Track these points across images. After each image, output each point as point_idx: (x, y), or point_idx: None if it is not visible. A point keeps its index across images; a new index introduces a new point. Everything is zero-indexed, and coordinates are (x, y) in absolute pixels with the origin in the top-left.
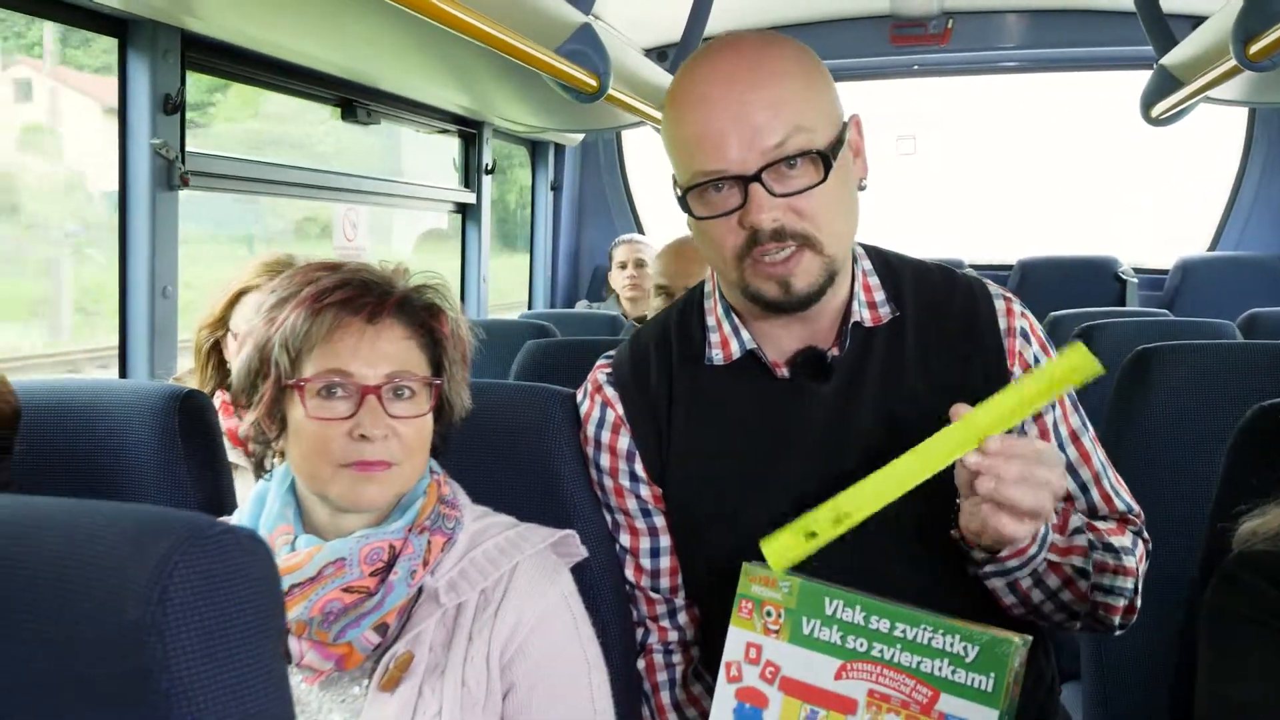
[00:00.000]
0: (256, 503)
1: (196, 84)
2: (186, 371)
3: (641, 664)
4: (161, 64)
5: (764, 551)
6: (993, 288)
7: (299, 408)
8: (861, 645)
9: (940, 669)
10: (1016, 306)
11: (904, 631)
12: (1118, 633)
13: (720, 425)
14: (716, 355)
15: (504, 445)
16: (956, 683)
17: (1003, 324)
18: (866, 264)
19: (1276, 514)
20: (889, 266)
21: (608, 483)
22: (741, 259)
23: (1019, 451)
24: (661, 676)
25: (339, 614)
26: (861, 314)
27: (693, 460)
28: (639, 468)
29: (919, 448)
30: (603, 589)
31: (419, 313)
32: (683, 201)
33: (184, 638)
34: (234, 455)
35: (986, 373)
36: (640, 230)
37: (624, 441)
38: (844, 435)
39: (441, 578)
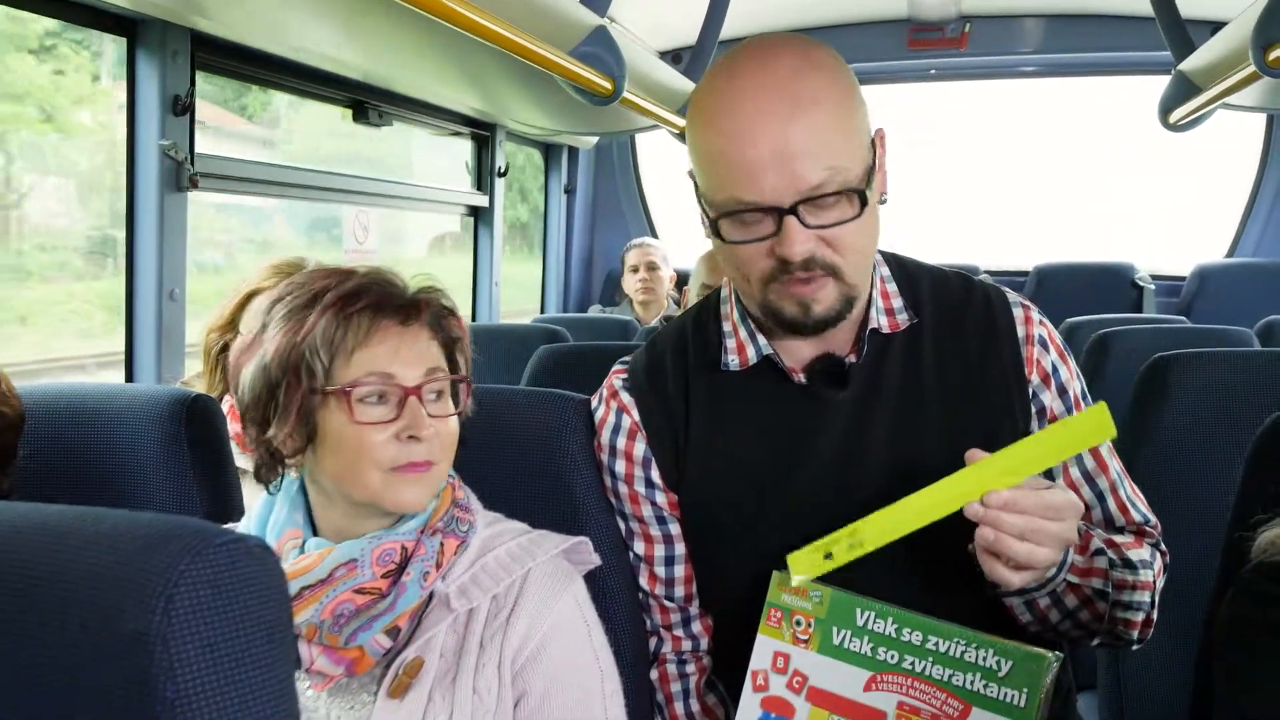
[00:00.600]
0: (264, 508)
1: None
2: (194, 375)
3: (655, 674)
4: (171, 65)
5: (789, 563)
6: (1011, 295)
7: (337, 415)
8: (892, 657)
9: (972, 683)
10: (1035, 314)
11: (936, 644)
12: (1135, 647)
13: (737, 432)
14: (733, 360)
15: (516, 451)
16: (989, 697)
17: (1021, 332)
18: (885, 270)
19: None
20: (907, 273)
21: (623, 490)
22: (767, 283)
23: (1025, 506)
24: (675, 687)
25: (351, 616)
26: (879, 321)
27: (709, 467)
28: (655, 474)
29: (931, 488)
30: (616, 597)
31: (440, 313)
32: (714, 225)
33: (190, 648)
34: (242, 460)
35: (1005, 381)
36: (654, 234)
37: (640, 448)
38: (861, 443)
39: (453, 583)
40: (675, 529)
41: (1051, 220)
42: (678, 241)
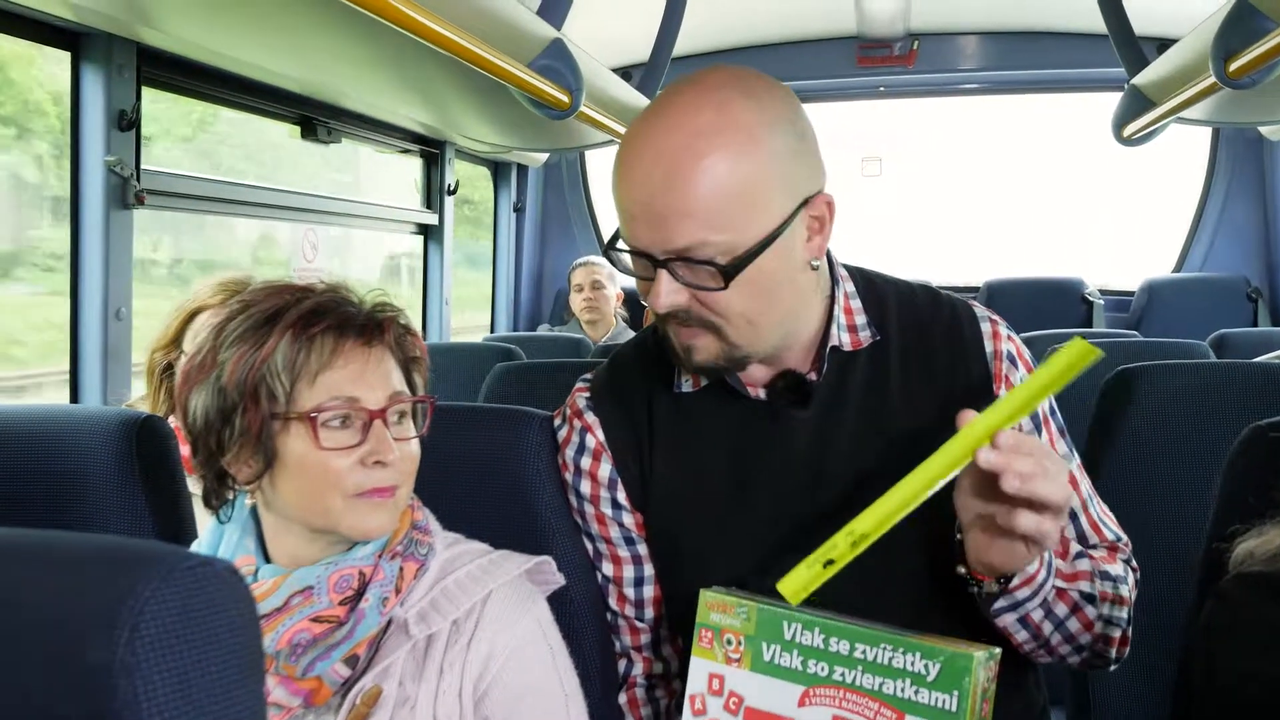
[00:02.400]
0: (214, 534)
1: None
2: (139, 397)
3: (624, 698)
4: (116, 79)
5: (782, 591)
6: (979, 310)
7: (299, 440)
8: (823, 670)
9: (903, 690)
10: (1003, 329)
11: (864, 652)
12: (1113, 667)
13: (698, 452)
14: (685, 383)
15: (478, 470)
16: (920, 703)
17: (989, 347)
18: (849, 286)
19: (1275, 534)
20: (873, 288)
21: (589, 510)
22: (665, 319)
23: (1030, 446)
24: (645, 711)
25: (308, 645)
26: (841, 338)
27: (673, 487)
28: (621, 495)
29: (927, 461)
30: (583, 618)
31: (400, 332)
32: (605, 250)
33: (156, 679)
34: (193, 483)
35: (973, 397)
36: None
37: (605, 468)
38: (825, 461)
39: (411, 608)
40: (643, 549)
41: (1001, 236)
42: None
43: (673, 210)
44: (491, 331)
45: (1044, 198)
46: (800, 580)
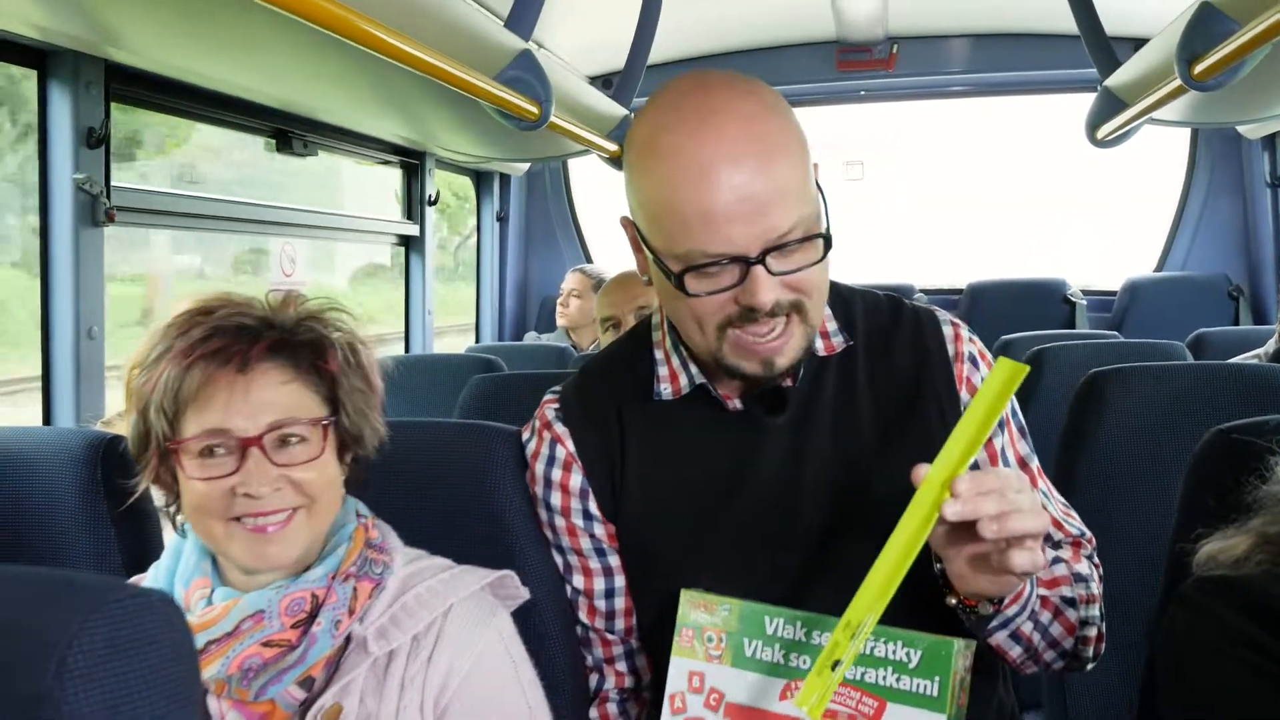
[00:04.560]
0: (173, 556)
1: None
2: (115, 415)
3: (595, 713)
4: (84, 96)
5: (801, 707)
6: (940, 314)
7: (183, 470)
8: (804, 662)
9: (885, 678)
10: (964, 332)
11: None
12: (1090, 665)
13: (673, 460)
14: (665, 390)
15: (444, 486)
16: (902, 690)
17: (950, 349)
18: None
19: (1237, 539)
20: (840, 296)
21: (559, 522)
22: (724, 329)
23: (991, 484)
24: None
25: (259, 670)
26: (816, 344)
27: (646, 496)
28: (592, 506)
29: (896, 532)
30: (551, 633)
31: (301, 351)
32: (678, 279)
33: (85, 711)
34: (162, 502)
35: (938, 399)
36: (588, 258)
37: (576, 479)
38: (800, 467)
39: (371, 625)
40: (615, 560)
41: (983, 238)
42: (616, 265)
43: (773, 194)
44: (476, 342)
45: (1025, 199)
46: (814, 690)
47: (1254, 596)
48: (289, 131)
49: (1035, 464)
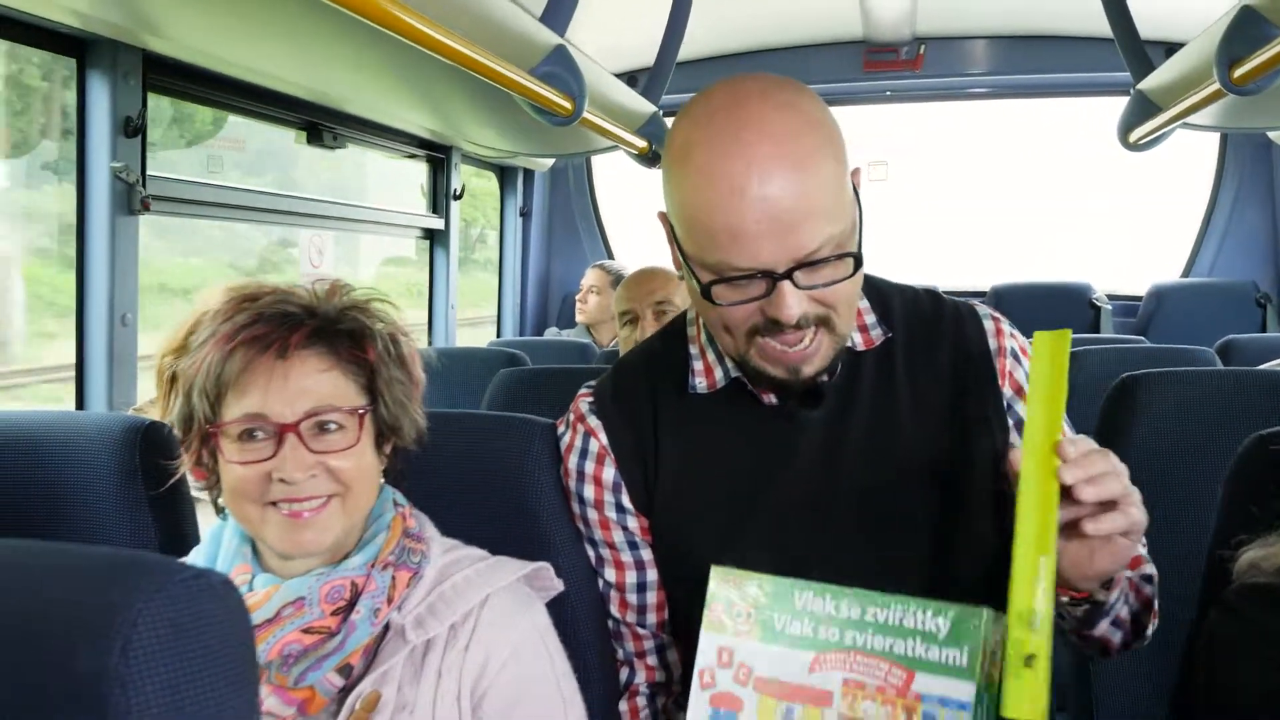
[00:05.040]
0: (213, 542)
1: None
2: (147, 402)
3: (625, 707)
4: (122, 85)
5: (1014, 716)
6: (981, 309)
7: (222, 454)
8: (834, 635)
9: (913, 649)
10: (1006, 327)
11: (875, 615)
12: (1146, 641)
13: (708, 454)
14: (700, 384)
15: (479, 478)
16: (930, 661)
17: (992, 344)
18: None
19: (1279, 546)
20: (877, 290)
21: (592, 515)
22: (752, 336)
23: (1087, 446)
24: (645, 717)
25: (299, 656)
26: (853, 338)
27: (680, 490)
28: (625, 499)
29: (1020, 516)
30: (583, 625)
31: (341, 340)
32: (705, 289)
33: (149, 690)
34: (198, 489)
35: (979, 394)
36: (610, 255)
37: (609, 473)
38: (836, 461)
39: (409, 614)
40: (647, 554)
41: (1008, 241)
42: (637, 262)
43: (801, 213)
44: (498, 336)
45: (1052, 202)
46: (1019, 695)
47: None
48: (319, 124)
49: None
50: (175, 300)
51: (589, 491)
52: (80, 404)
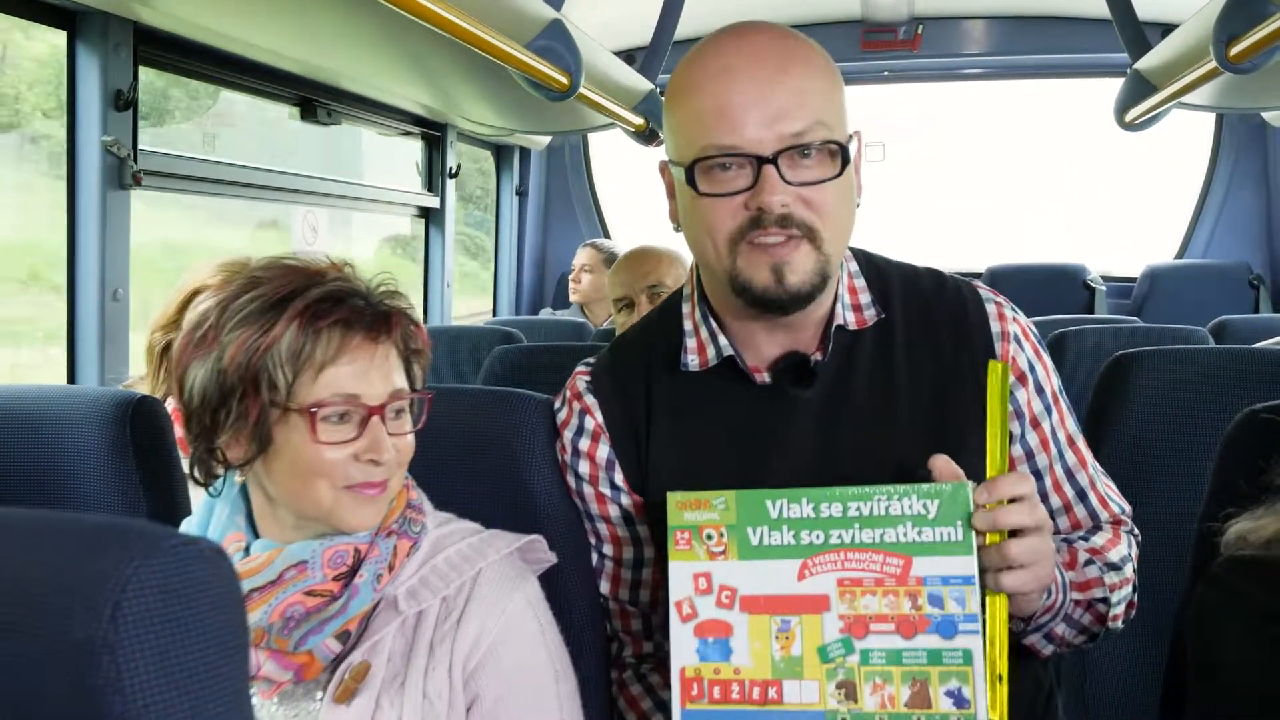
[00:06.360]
0: (205, 510)
1: None
2: (138, 378)
3: (615, 675)
4: (113, 58)
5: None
6: (984, 291)
7: (296, 431)
8: (818, 538)
9: (906, 534)
10: (1008, 310)
11: (859, 509)
12: (1120, 627)
13: (700, 434)
14: (691, 361)
15: (473, 452)
16: (926, 543)
17: (995, 328)
18: (853, 266)
19: (1267, 520)
20: (876, 269)
21: (587, 491)
22: (736, 243)
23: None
24: (635, 689)
25: (301, 619)
26: (845, 317)
27: (672, 470)
28: (619, 477)
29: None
30: (575, 597)
31: (407, 328)
32: (688, 174)
33: (138, 656)
34: (188, 463)
35: (977, 378)
36: (606, 234)
37: (603, 450)
38: (830, 443)
39: (401, 585)
40: (643, 531)
41: (1004, 221)
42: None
43: (790, 88)
44: (494, 315)
45: (1047, 183)
46: (993, 701)
47: None
48: (313, 100)
49: (1081, 440)
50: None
51: (584, 468)
52: (71, 379)
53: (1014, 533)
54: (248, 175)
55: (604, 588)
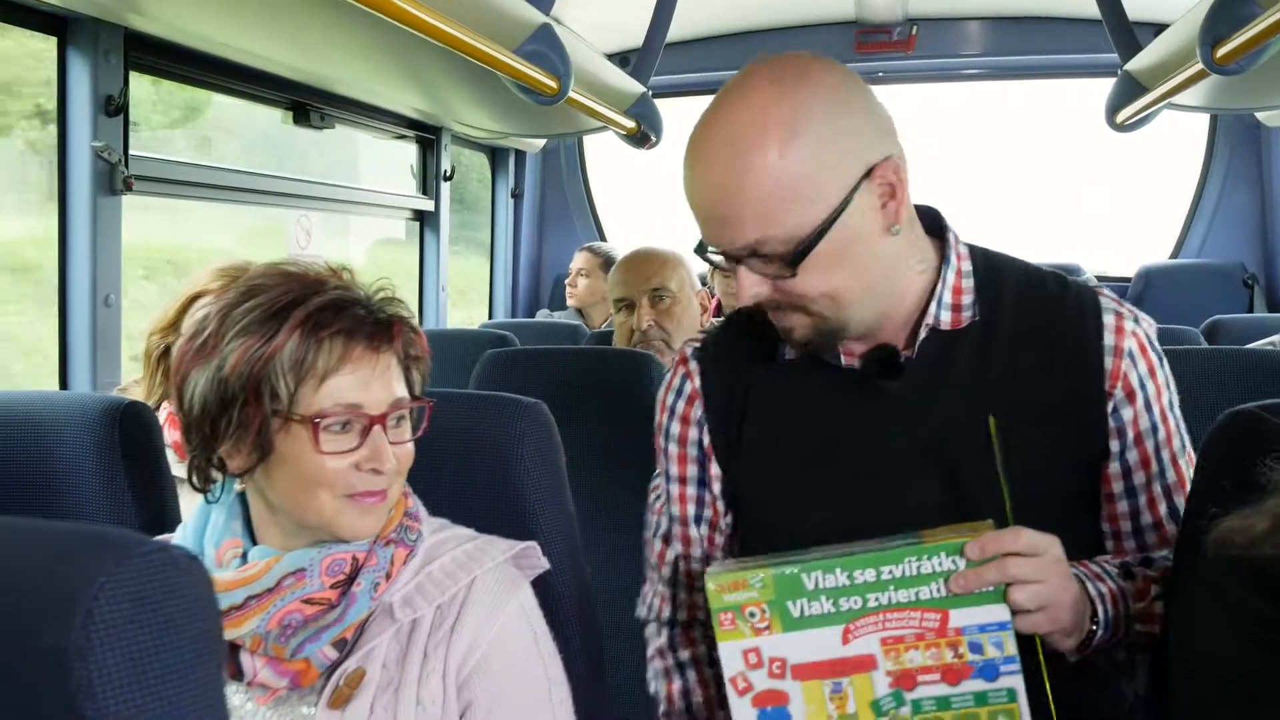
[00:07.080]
0: (200, 515)
1: None
2: (132, 381)
3: (651, 632)
4: (103, 64)
5: None
6: (1105, 301)
7: (297, 440)
8: (856, 603)
9: (939, 589)
10: (1128, 324)
11: (890, 572)
12: None
13: (787, 417)
14: (787, 351)
15: (465, 456)
16: (958, 595)
17: (1109, 341)
18: (966, 265)
19: (1253, 520)
20: (992, 269)
21: (673, 450)
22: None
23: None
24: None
25: (298, 627)
26: (939, 316)
27: (759, 450)
28: (706, 440)
29: None
30: (566, 602)
31: (408, 336)
32: (700, 248)
33: (111, 663)
34: (178, 469)
35: (1084, 395)
36: (603, 237)
37: (697, 412)
38: (917, 436)
39: (396, 592)
40: (712, 493)
41: (998, 221)
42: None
43: (730, 212)
44: (490, 318)
45: (1042, 183)
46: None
47: (1270, 577)
48: (306, 104)
49: (1186, 459)
50: None
51: (675, 428)
52: (63, 384)
53: None
54: (240, 179)
55: (651, 556)
